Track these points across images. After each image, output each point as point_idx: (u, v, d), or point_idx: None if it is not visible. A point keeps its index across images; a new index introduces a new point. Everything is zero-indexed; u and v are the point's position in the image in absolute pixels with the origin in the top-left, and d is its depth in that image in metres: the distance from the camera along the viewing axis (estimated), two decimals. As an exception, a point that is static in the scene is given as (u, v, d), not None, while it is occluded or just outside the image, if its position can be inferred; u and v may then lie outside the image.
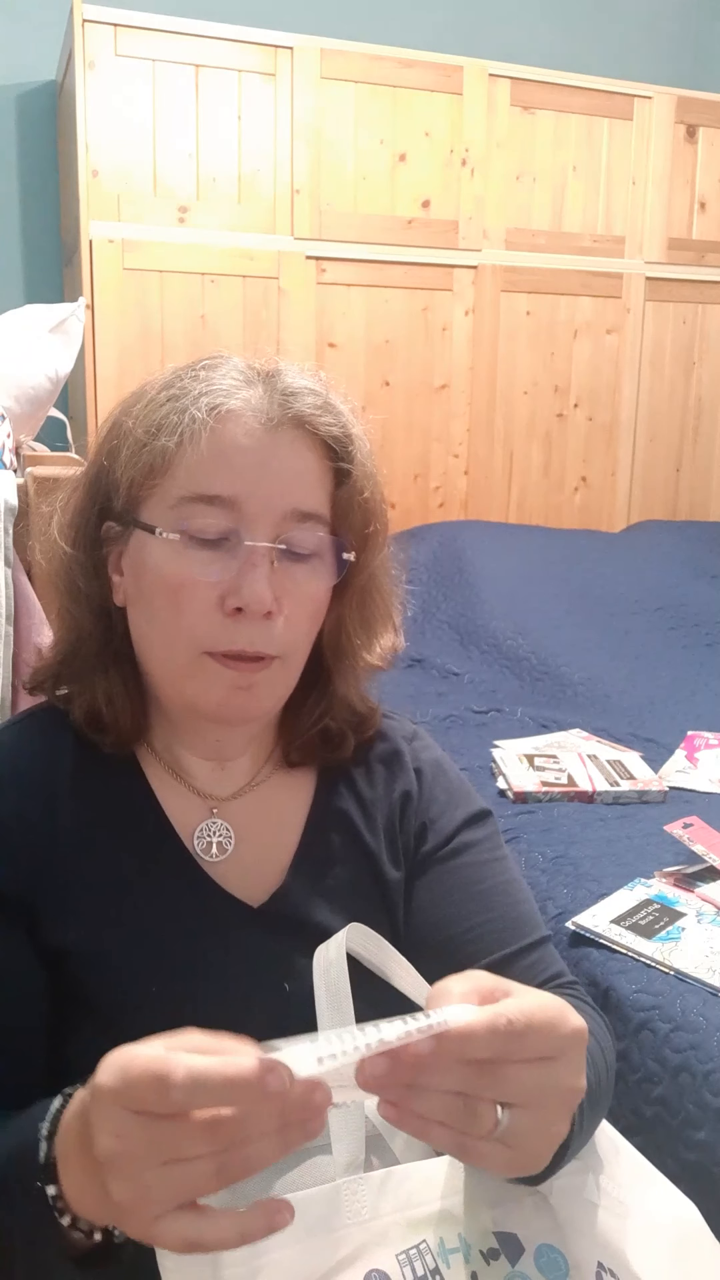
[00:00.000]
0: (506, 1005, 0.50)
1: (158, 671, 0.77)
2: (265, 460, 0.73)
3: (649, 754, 1.97)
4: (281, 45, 2.64)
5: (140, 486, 0.75)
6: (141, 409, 0.76)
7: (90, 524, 0.80)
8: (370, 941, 0.75)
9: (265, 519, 0.73)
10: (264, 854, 0.82)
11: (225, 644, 0.73)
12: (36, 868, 0.75)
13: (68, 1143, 0.56)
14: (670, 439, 3.30)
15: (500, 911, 0.82)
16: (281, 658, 0.76)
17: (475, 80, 2.83)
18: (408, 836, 0.85)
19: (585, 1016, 0.77)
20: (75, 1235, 0.57)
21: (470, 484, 3.06)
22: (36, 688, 0.84)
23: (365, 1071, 0.48)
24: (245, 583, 0.72)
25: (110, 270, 2.56)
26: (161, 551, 0.74)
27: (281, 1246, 0.61)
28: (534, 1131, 0.52)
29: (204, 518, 0.73)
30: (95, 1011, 0.74)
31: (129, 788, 0.80)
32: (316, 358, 2.77)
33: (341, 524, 0.78)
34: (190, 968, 0.76)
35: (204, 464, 0.73)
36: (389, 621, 0.86)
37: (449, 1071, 0.49)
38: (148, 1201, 0.48)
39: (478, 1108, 0.50)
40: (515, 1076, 0.50)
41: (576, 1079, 0.53)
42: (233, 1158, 0.47)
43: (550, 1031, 0.51)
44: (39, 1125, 0.58)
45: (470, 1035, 0.49)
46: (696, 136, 3.13)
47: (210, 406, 0.72)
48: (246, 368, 0.77)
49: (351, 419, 0.78)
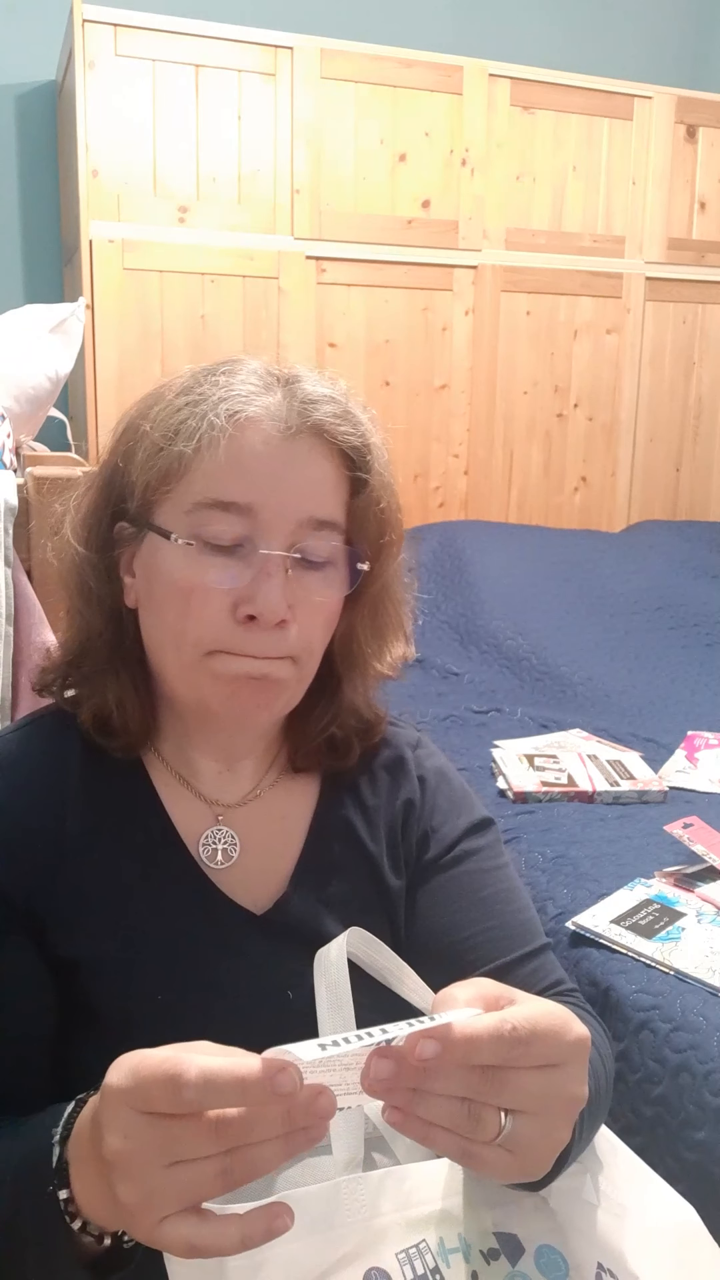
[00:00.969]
0: (512, 1012, 0.51)
1: (168, 673, 0.77)
2: (282, 468, 0.73)
3: (649, 754, 1.97)
4: (281, 45, 2.64)
5: (155, 490, 0.74)
6: (159, 412, 0.75)
7: (103, 525, 0.79)
8: (370, 946, 0.75)
9: (281, 527, 0.73)
10: (268, 861, 0.82)
11: (237, 648, 0.73)
12: (45, 876, 0.75)
13: (80, 1147, 0.56)
14: (670, 439, 3.30)
15: (501, 919, 0.82)
16: (295, 663, 0.75)
17: (475, 80, 2.83)
18: (409, 844, 0.85)
19: (585, 1024, 0.77)
20: (86, 1240, 0.57)
21: (470, 484, 3.06)
22: (44, 689, 0.84)
23: (371, 1074, 0.49)
24: (259, 591, 0.71)
25: (110, 270, 2.56)
26: (175, 556, 0.73)
27: (284, 1242, 0.61)
28: (536, 1138, 0.52)
29: (219, 524, 0.72)
30: (100, 1019, 0.74)
31: (135, 793, 0.80)
32: (316, 358, 2.78)
33: (357, 533, 0.78)
34: (195, 975, 0.76)
35: (221, 470, 0.72)
36: (400, 630, 0.86)
37: (453, 1076, 0.49)
38: (153, 1203, 0.49)
39: (482, 1113, 0.50)
40: (519, 1083, 0.51)
41: (579, 1087, 0.53)
42: (237, 1161, 0.48)
43: (554, 1039, 0.51)
44: (51, 1130, 0.59)
45: (475, 1040, 0.49)
46: (696, 136, 3.13)
47: (230, 413, 0.72)
48: (265, 373, 0.76)
49: (370, 428, 0.78)
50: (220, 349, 2.62)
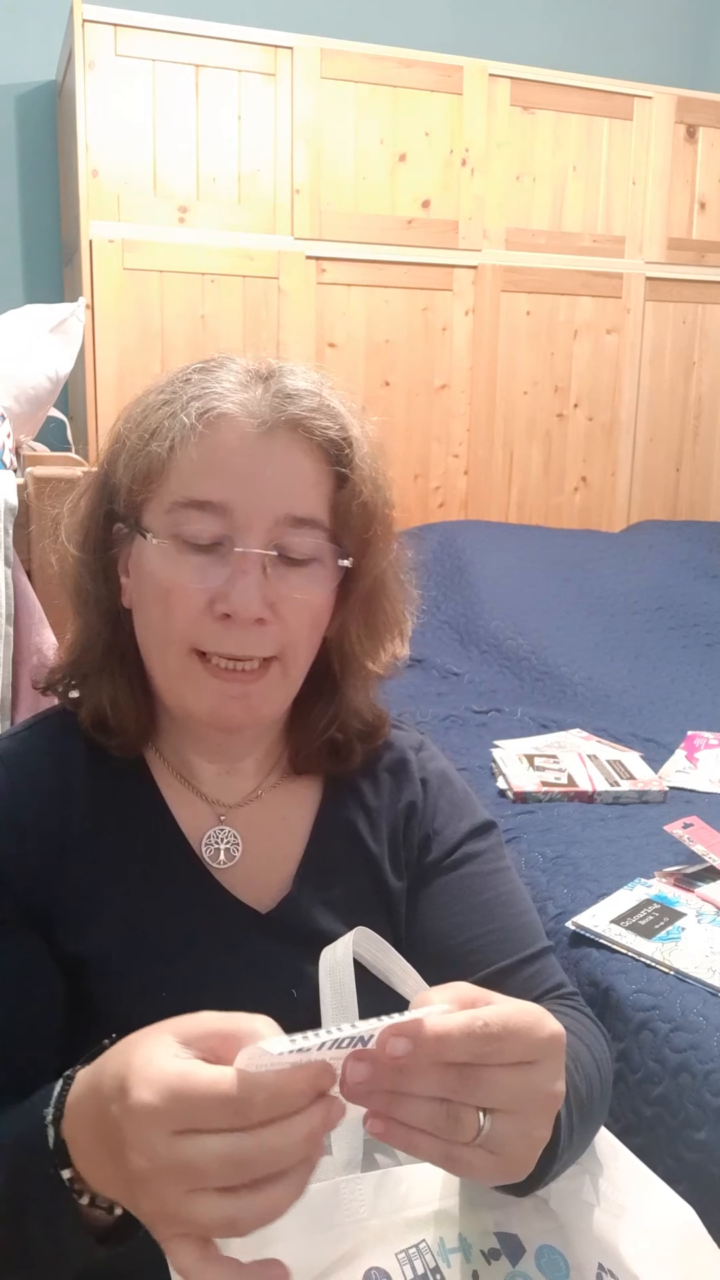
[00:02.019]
0: (484, 1009, 0.51)
1: (156, 674, 0.77)
2: (258, 465, 0.73)
3: (649, 754, 1.97)
4: (281, 45, 2.64)
5: (139, 492, 0.75)
6: (138, 414, 0.76)
7: (99, 526, 0.79)
8: (375, 946, 0.75)
9: (257, 525, 0.73)
10: (270, 861, 0.82)
11: (214, 646, 0.73)
12: (50, 874, 0.75)
13: (76, 1125, 0.56)
14: (670, 439, 3.30)
15: (502, 922, 0.82)
16: (279, 662, 0.75)
17: (475, 80, 2.83)
18: (411, 846, 0.85)
19: (584, 1028, 0.77)
20: (96, 1213, 0.57)
21: (470, 484, 3.06)
22: (49, 688, 0.84)
23: (348, 1079, 0.49)
24: (234, 590, 0.71)
25: (110, 270, 2.56)
26: (155, 556, 0.74)
27: (286, 1239, 0.61)
28: (516, 1136, 0.52)
29: (195, 523, 0.73)
30: (104, 1016, 0.74)
31: (138, 793, 0.80)
32: (316, 358, 2.77)
33: (341, 528, 0.77)
34: (199, 973, 0.76)
35: (195, 469, 0.72)
36: (397, 628, 0.85)
37: (429, 1076, 0.50)
38: (167, 1221, 0.49)
39: (460, 1113, 0.51)
40: (495, 1081, 0.51)
41: (555, 1083, 0.54)
42: (248, 1204, 0.48)
43: (527, 1035, 0.52)
44: (43, 1111, 0.58)
45: (447, 1036, 0.49)
46: (696, 136, 3.13)
47: (201, 411, 0.72)
48: (245, 370, 0.76)
49: (351, 420, 0.77)
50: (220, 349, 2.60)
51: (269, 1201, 0.48)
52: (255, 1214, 0.48)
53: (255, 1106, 0.47)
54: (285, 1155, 0.48)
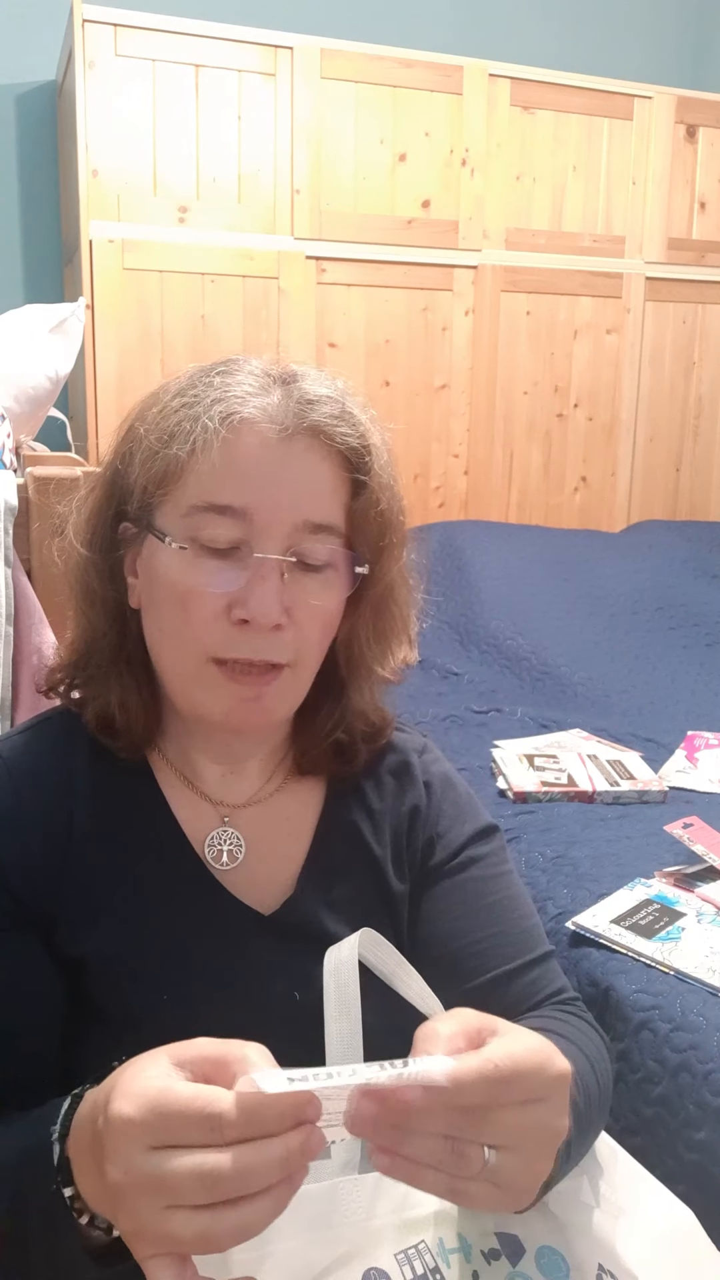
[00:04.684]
0: (494, 1051, 0.52)
1: (168, 676, 0.77)
2: (278, 470, 0.72)
3: (649, 754, 1.97)
4: (281, 45, 2.63)
5: (154, 493, 0.74)
6: (156, 414, 0.75)
7: (106, 525, 0.79)
8: (380, 948, 0.75)
9: (276, 530, 0.72)
10: (273, 863, 0.82)
11: (231, 651, 0.73)
12: (53, 875, 0.75)
13: (80, 1144, 0.56)
14: (670, 439, 3.30)
15: (505, 926, 0.82)
16: (291, 667, 0.75)
17: (475, 80, 2.83)
18: (414, 849, 0.85)
19: (584, 1036, 0.78)
20: (95, 1233, 0.57)
21: (470, 484, 3.06)
22: (51, 689, 0.84)
23: (355, 1113, 0.50)
24: (253, 595, 0.71)
25: (110, 270, 2.56)
26: (172, 559, 0.73)
27: (285, 1239, 0.61)
28: (519, 1170, 0.53)
29: (214, 528, 0.72)
30: (107, 1018, 0.74)
31: (141, 794, 0.80)
32: (316, 358, 2.77)
33: (357, 535, 0.77)
34: (202, 975, 0.76)
35: (215, 473, 0.72)
36: (405, 633, 0.85)
37: (438, 1115, 0.50)
38: (144, 1238, 0.49)
39: (465, 1149, 0.51)
40: (502, 1119, 0.51)
41: (560, 1119, 0.54)
42: (223, 1221, 0.48)
43: (536, 1075, 0.52)
44: (50, 1128, 0.58)
45: (462, 1084, 0.50)
46: (696, 136, 3.13)
47: (224, 415, 0.71)
48: (263, 373, 0.75)
49: (370, 428, 0.77)
50: (220, 349, 2.61)
51: (245, 1219, 0.48)
52: (230, 1231, 0.48)
53: (230, 1124, 0.47)
54: (260, 1176, 0.48)
